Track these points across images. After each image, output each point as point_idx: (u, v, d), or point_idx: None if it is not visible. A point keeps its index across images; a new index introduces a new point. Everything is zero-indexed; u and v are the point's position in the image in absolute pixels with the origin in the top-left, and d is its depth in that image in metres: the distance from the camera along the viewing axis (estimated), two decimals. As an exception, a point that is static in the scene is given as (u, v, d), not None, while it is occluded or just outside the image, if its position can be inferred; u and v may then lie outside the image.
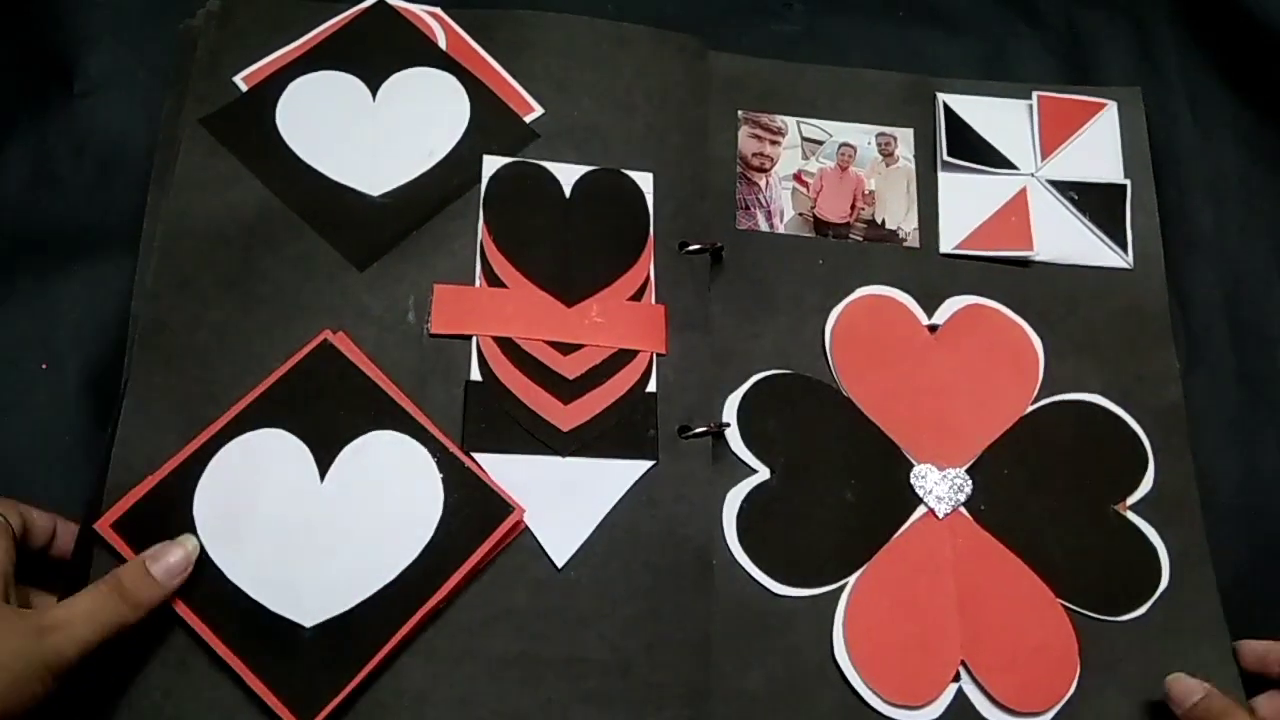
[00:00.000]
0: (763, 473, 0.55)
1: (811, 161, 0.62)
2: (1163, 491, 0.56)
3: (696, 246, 0.57)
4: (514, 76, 0.60)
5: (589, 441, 0.52)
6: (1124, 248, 0.61)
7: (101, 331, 0.55)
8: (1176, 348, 0.60)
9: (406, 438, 0.49)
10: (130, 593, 0.43)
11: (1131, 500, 0.56)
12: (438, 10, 0.61)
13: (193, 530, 0.46)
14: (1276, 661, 0.51)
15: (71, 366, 0.54)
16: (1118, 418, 0.58)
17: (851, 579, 0.53)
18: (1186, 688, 0.50)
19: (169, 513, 0.46)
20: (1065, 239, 0.61)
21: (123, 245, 0.55)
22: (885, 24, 0.70)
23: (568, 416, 0.52)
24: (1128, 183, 0.62)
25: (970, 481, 0.55)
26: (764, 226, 0.60)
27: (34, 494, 0.48)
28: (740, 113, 0.62)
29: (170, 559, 0.44)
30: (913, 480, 0.55)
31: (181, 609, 0.45)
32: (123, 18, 0.62)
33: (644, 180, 0.58)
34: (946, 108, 0.63)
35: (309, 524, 0.47)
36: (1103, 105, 0.64)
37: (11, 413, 0.53)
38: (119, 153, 0.59)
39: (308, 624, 0.45)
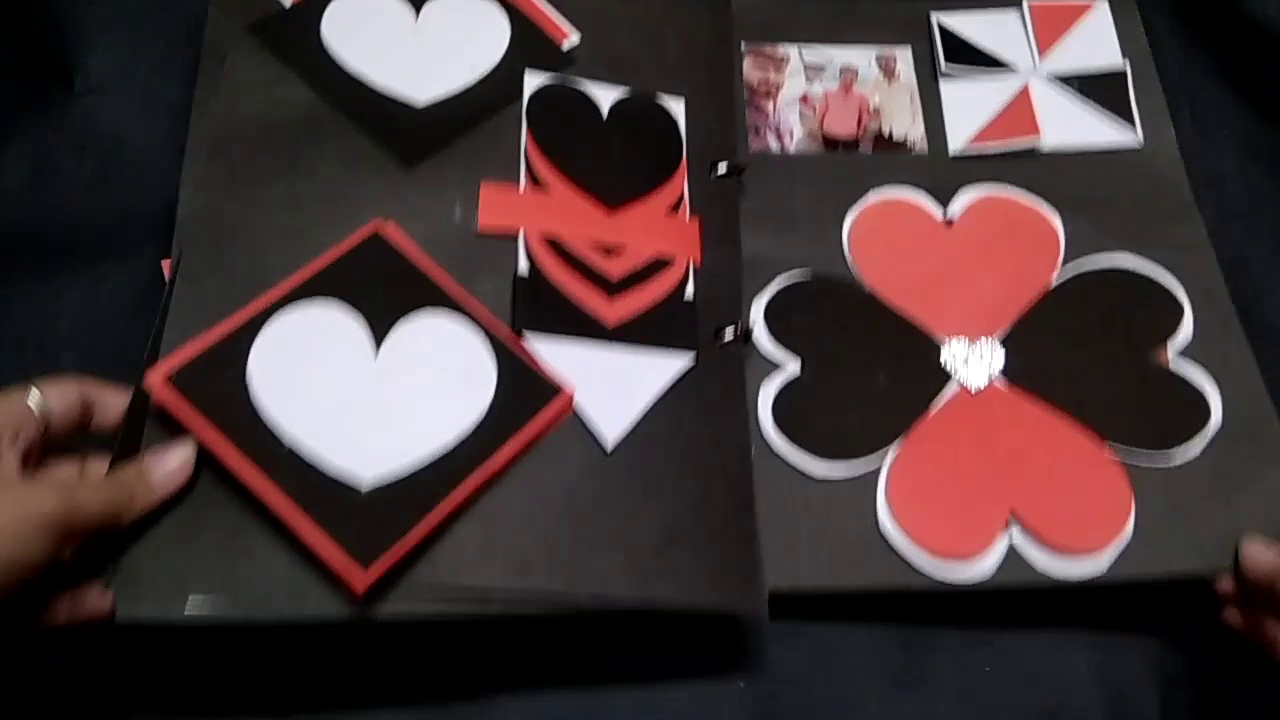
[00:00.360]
0: (793, 367, 0.56)
1: (815, 85, 0.64)
2: (1205, 336, 0.56)
3: (725, 168, 0.59)
4: (551, 4, 0.62)
5: (633, 335, 0.53)
6: (1131, 125, 0.62)
7: (101, 329, 0.55)
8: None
9: (459, 320, 0.51)
10: (126, 488, 0.44)
11: (1172, 347, 0.56)
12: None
13: (246, 388, 0.46)
14: None
15: (68, 363, 0.54)
16: (1147, 277, 0.58)
17: (890, 452, 0.53)
18: (1259, 550, 0.49)
19: (222, 370, 0.46)
20: (1072, 126, 0.62)
21: (123, 243, 0.56)
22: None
23: (612, 312, 0.53)
24: (1127, 64, 0.64)
25: (1002, 350, 0.56)
26: (775, 148, 0.63)
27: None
28: (743, 44, 0.65)
29: (169, 464, 0.45)
30: (944, 357, 0.56)
31: (237, 464, 0.45)
32: (124, 17, 0.63)
33: (677, 106, 0.60)
34: (941, 25, 0.66)
35: (364, 391, 0.48)
36: (1093, 3, 0.66)
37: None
38: (120, 151, 0.60)
39: (364, 483, 0.46)
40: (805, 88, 0.64)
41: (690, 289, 0.55)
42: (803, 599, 0.50)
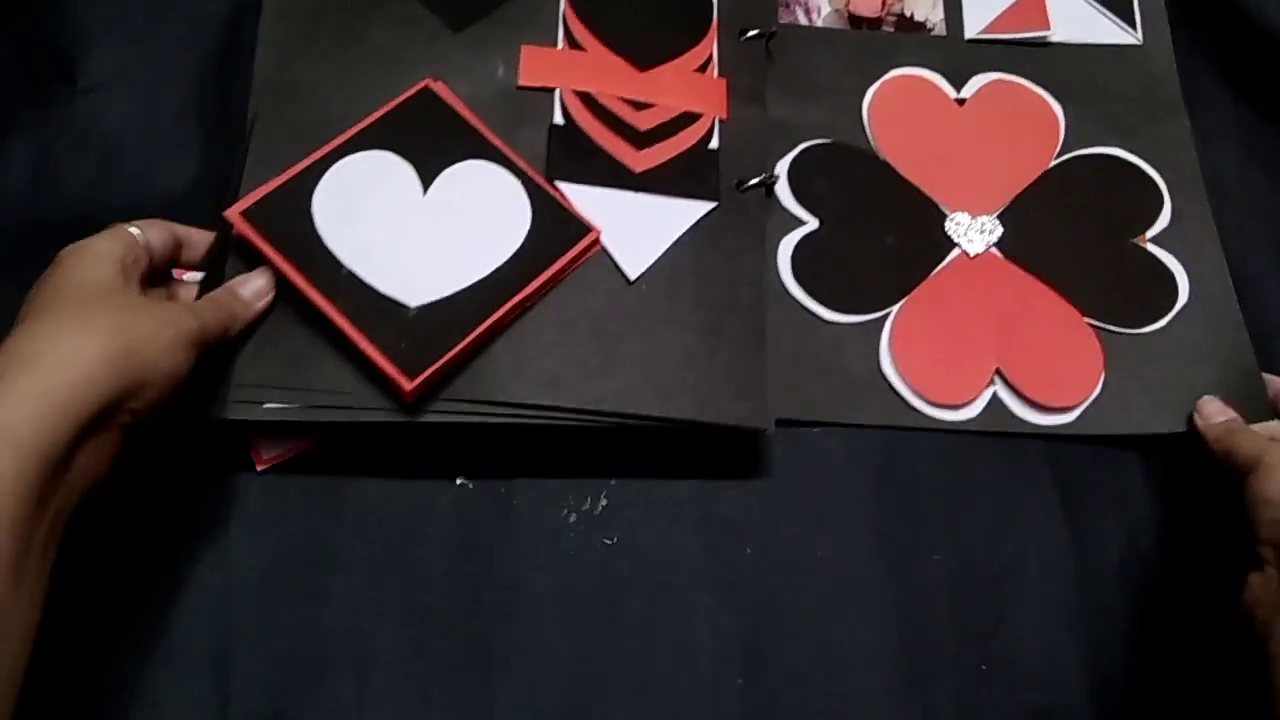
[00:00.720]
0: (811, 223, 0.61)
1: (844, -37, 0.68)
2: (1180, 225, 0.62)
3: (754, 32, 0.63)
4: None
5: (658, 182, 0.58)
6: (1132, 25, 0.67)
7: None
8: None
9: (499, 167, 0.55)
10: (228, 307, 0.49)
11: (1151, 234, 0.62)
12: None
13: (311, 222, 0.52)
14: None
15: None
16: (1135, 166, 0.64)
17: (895, 307, 0.59)
18: (1216, 408, 0.55)
19: (290, 207, 0.52)
20: (1079, 22, 0.67)
21: None
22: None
23: (640, 161, 0.58)
24: (1133, -32, 0.69)
25: (1000, 225, 0.61)
26: (802, 20, 0.66)
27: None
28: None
29: (257, 284, 0.50)
30: (948, 226, 0.61)
31: (304, 286, 0.50)
32: (125, 14, 0.63)
33: None
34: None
35: (413, 225, 0.53)
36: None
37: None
38: (122, 149, 0.60)
39: (412, 304, 0.51)
40: (835, -35, 0.68)
41: (715, 140, 0.60)
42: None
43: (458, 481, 0.55)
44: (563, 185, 0.56)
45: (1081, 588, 0.55)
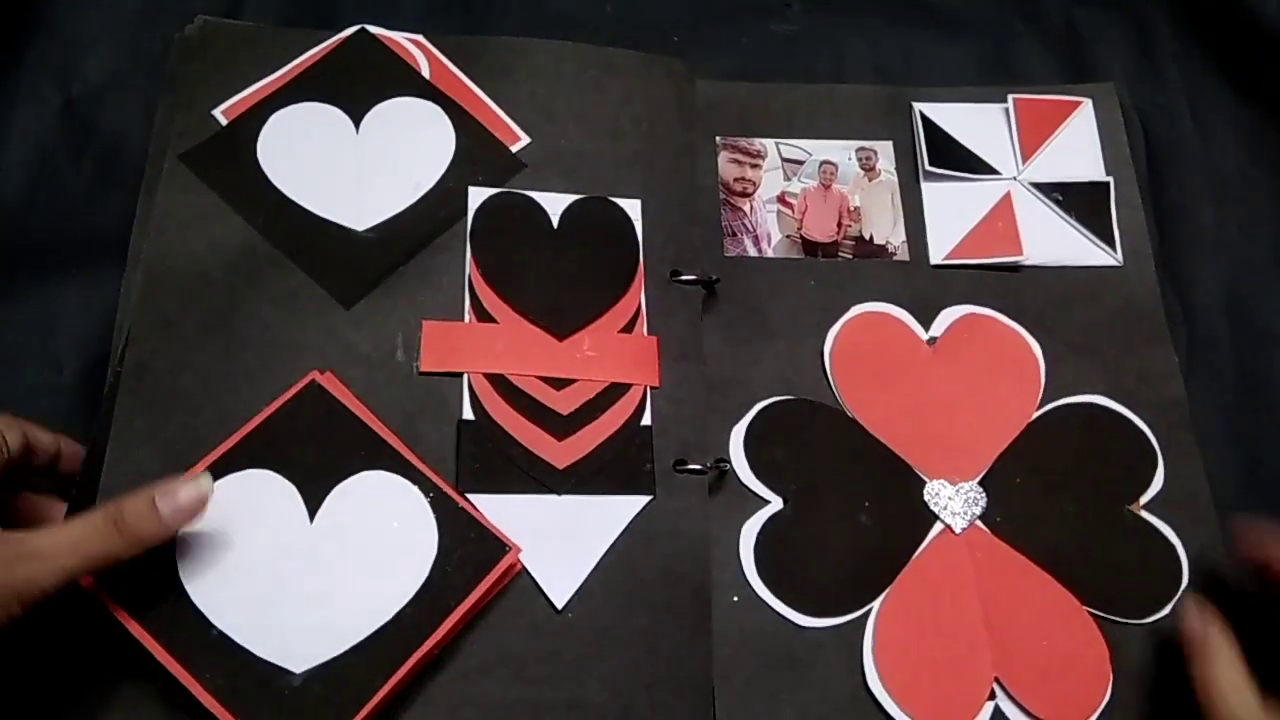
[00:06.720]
0: (775, 503, 0.54)
1: (794, 182, 0.61)
2: (1174, 489, 0.56)
3: (690, 277, 0.56)
4: (499, 105, 0.59)
5: (585, 478, 0.51)
6: (1112, 245, 0.61)
7: (100, 334, 0.54)
8: (1177, 348, 0.59)
9: (398, 478, 0.48)
10: (130, 527, 0.41)
11: (1145, 499, 0.56)
12: (420, 38, 0.60)
13: (175, 572, 0.44)
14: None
15: (70, 369, 0.55)
16: (1123, 417, 0.57)
17: (875, 604, 0.52)
18: (1192, 618, 0.49)
19: (149, 557, 0.43)
20: (1053, 241, 0.61)
21: (120, 248, 0.54)
22: (883, 24, 0.70)
23: (563, 453, 0.51)
24: (1110, 180, 0.62)
25: (984, 494, 0.55)
26: (752, 251, 0.60)
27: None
28: (718, 139, 0.62)
29: (180, 499, 0.42)
30: (927, 498, 0.55)
31: (163, 656, 0.43)
32: (121, 20, 0.63)
33: (632, 207, 0.57)
34: (924, 117, 0.63)
35: (298, 566, 0.46)
36: (1078, 104, 0.64)
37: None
38: (117, 155, 0.59)
39: (297, 670, 0.44)
40: (783, 185, 0.61)
41: (648, 415, 0.53)
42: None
43: None
44: (475, 498, 0.49)
45: None
